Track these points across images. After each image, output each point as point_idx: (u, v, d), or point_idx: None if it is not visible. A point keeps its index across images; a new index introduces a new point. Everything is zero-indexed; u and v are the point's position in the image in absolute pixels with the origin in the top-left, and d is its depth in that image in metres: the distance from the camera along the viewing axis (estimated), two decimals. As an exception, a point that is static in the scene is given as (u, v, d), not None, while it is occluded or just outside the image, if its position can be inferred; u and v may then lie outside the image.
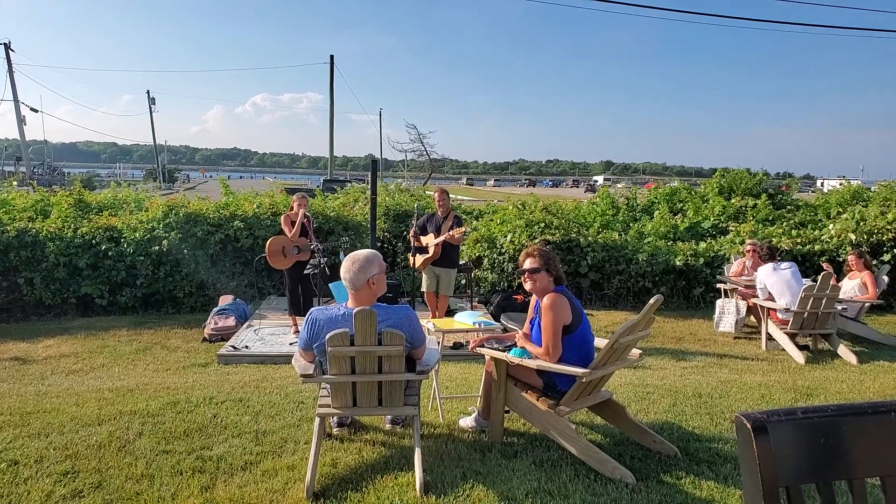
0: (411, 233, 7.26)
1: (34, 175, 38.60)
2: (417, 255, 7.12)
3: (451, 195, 7.59)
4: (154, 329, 7.97)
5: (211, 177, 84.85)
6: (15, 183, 18.80)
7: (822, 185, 62.54)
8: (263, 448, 3.56)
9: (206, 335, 7.49)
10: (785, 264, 7.08)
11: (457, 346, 6.61)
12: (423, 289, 7.34)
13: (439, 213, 7.21)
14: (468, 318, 4.87)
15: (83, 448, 3.52)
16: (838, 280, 7.57)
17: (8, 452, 3.46)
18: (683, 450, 3.57)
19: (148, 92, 54.35)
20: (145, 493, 3.04)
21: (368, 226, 8.37)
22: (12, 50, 36.08)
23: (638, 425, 3.65)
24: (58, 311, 8.96)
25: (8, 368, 6.37)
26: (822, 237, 10.04)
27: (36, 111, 41.85)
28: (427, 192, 14.63)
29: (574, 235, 9.76)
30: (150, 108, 54.47)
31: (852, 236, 9.77)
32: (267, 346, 6.77)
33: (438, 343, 4.49)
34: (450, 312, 7.42)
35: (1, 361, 6.63)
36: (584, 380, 3.29)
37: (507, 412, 3.81)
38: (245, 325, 7.55)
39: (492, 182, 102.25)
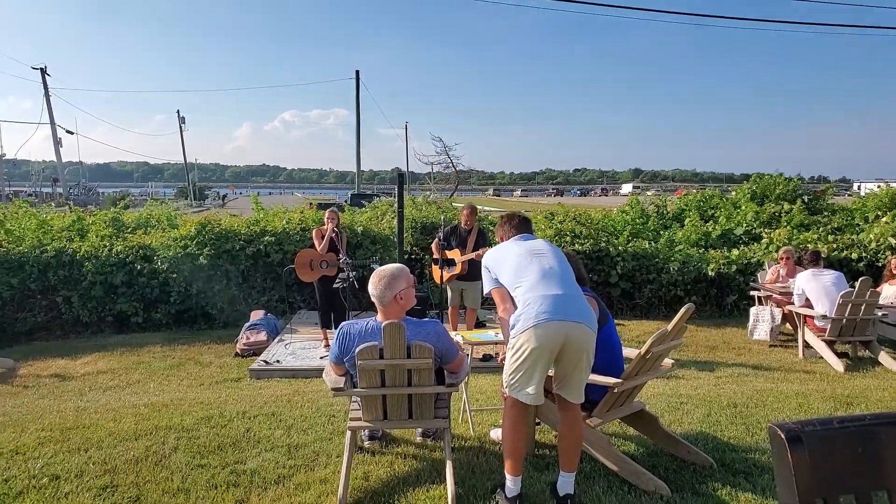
0: (435, 244, 7.27)
1: (70, 196, 39.74)
2: (445, 268, 7.12)
3: (478, 207, 7.60)
4: (187, 345, 8.10)
5: (241, 193, 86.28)
6: (53, 204, 19.35)
7: (858, 188, 61.08)
8: (296, 462, 3.59)
9: (238, 350, 7.58)
10: (827, 272, 6.91)
11: (486, 358, 6.59)
12: (449, 303, 7.32)
13: (464, 226, 7.20)
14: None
15: (121, 462, 3.59)
16: (876, 285, 7.37)
17: (49, 467, 3.54)
18: (719, 461, 3.51)
19: (178, 111, 55.71)
20: (181, 506, 3.09)
21: (396, 239, 8.42)
22: (48, 74, 37.31)
23: (671, 436, 3.60)
24: (95, 329, 9.16)
25: (48, 385, 6.53)
26: (863, 242, 9.80)
27: (71, 133, 43.21)
28: (454, 205, 14.65)
29: (604, 245, 9.69)
30: (181, 126, 55.82)
31: (892, 241, 9.53)
32: (298, 360, 6.83)
33: (468, 356, 4.49)
34: (479, 325, 7.41)
35: (42, 378, 6.80)
36: (615, 390, 3.26)
37: (538, 424, 3.79)
38: (276, 340, 7.64)
39: (519, 192, 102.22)
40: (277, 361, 6.73)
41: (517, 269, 3.10)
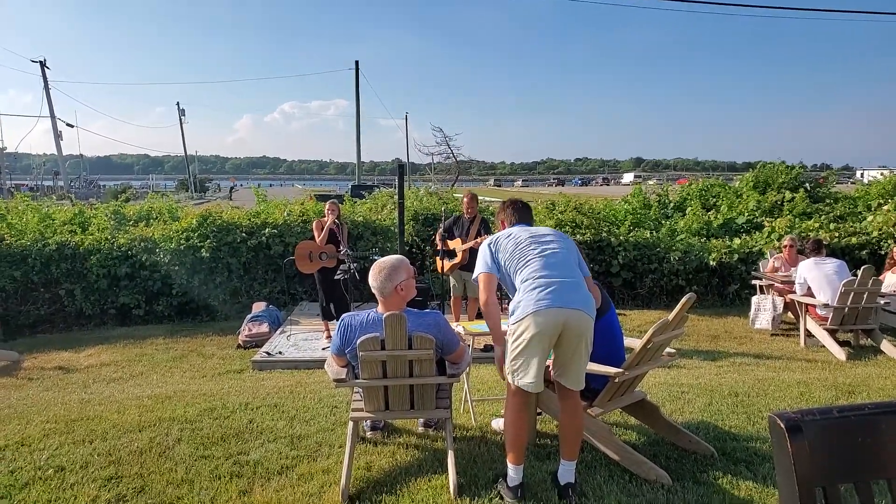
0: (437, 236, 7.26)
1: (71, 189, 39.74)
2: (445, 258, 7.13)
3: (479, 197, 7.58)
4: (190, 337, 8.12)
5: (242, 185, 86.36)
6: (55, 197, 19.35)
7: (861, 175, 60.77)
8: (299, 452, 3.61)
9: (240, 342, 7.60)
10: (829, 260, 6.90)
11: (487, 348, 6.60)
12: (452, 293, 7.33)
13: (466, 216, 7.19)
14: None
15: (126, 454, 3.61)
16: (878, 273, 7.36)
17: (55, 459, 3.57)
18: (720, 449, 3.52)
19: (178, 103, 55.54)
20: (186, 497, 3.11)
21: (397, 230, 8.41)
22: (48, 67, 37.19)
23: (673, 425, 3.61)
24: (97, 322, 9.19)
25: (52, 377, 6.56)
26: (866, 230, 9.78)
27: (72, 126, 43.11)
28: (455, 195, 14.62)
29: (605, 235, 9.67)
30: (181, 119, 55.67)
31: (895, 229, 9.51)
32: (300, 351, 6.85)
33: (469, 346, 4.50)
34: (481, 315, 7.41)
35: (46, 371, 6.83)
36: (617, 380, 3.27)
37: (540, 414, 3.80)
38: (278, 331, 7.65)
39: (520, 182, 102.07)
40: (280, 353, 6.75)
41: (520, 254, 3.10)
